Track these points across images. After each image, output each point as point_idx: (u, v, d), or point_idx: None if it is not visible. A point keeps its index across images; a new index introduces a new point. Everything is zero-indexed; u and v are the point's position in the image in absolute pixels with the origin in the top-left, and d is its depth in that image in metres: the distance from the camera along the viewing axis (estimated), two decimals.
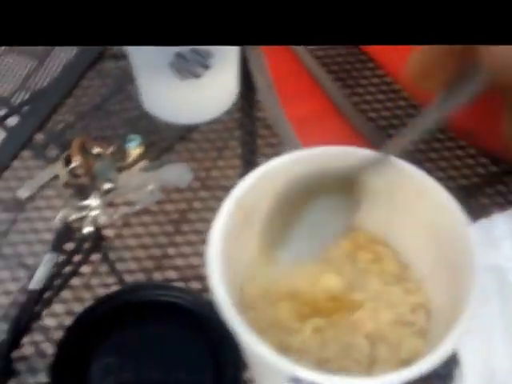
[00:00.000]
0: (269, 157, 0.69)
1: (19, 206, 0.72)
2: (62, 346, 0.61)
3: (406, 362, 0.44)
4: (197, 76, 0.69)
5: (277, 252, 0.50)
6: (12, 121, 0.86)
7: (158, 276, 0.67)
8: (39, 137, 0.79)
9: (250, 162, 0.76)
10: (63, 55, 2.05)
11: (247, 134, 0.79)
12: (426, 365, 0.41)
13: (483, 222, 0.59)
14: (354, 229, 0.54)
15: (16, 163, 0.76)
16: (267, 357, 0.40)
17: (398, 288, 0.51)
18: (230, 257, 0.45)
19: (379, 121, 0.78)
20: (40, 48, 1.93)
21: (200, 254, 0.67)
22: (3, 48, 2.13)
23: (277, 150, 0.76)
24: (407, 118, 0.78)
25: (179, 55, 0.66)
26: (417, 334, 0.48)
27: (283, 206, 0.49)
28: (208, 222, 0.70)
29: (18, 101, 0.90)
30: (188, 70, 0.68)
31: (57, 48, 1.61)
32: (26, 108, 0.87)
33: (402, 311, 0.49)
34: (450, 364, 0.48)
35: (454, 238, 0.47)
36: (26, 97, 0.95)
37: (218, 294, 0.43)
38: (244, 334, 0.41)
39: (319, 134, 0.71)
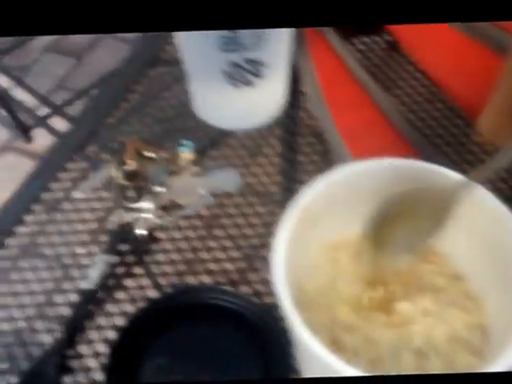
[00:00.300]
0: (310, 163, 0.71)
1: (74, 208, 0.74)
2: (116, 346, 0.62)
3: None
4: (249, 84, 0.71)
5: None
6: (55, 121, 0.87)
7: (207, 279, 0.68)
8: (92, 139, 0.80)
9: (290, 161, 0.78)
10: (101, 52, 2.08)
11: (290, 139, 0.80)
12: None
13: None
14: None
15: (70, 165, 0.78)
16: (327, 359, 0.41)
17: (453, 305, 0.51)
18: (291, 260, 0.46)
19: (416, 122, 0.79)
20: (78, 47, 1.95)
21: (248, 259, 0.69)
22: (41, 47, 2.17)
23: (319, 157, 0.77)
24: (444, 120, 0.79)
25: (234, 64, 0.67)
26: (471, 351, 0.49)
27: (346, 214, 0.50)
28: (254, 226, 0.72)
29: (57, 99, 0.91)
30: (241, 78, 0.69)
31: (95, 47, 1.63)
32: (72, 108, 0.89)
33: (457, 328, 0.50)
34: None
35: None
36: (66, 96, 0.96)
37: (283, 299, 0.44)
38: (306, 336, 0.42)
39: (367, 143, 0.72)
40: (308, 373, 0.53)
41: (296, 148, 0.79)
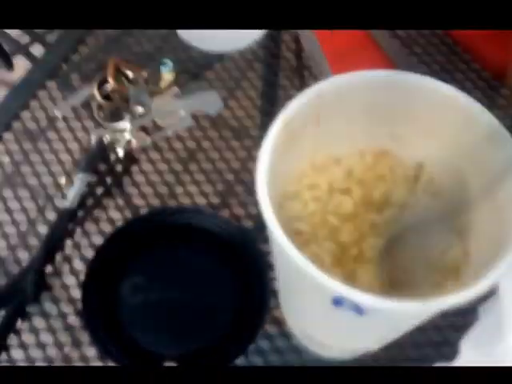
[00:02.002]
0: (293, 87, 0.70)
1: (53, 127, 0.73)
2: (94, 264, 0.63)
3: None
4: None
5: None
6: (36, 49, 0.85)
7: (185, 201, 0.68)
8: (72, 59, 0.79)
9: (272, 85, 0.77)
10: None
11: (273, 63, 0.79)
12: (467, 294, 0.40)
13: None
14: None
15: (49, 84, 0.76)
16: (315, 275, 0.40)
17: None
18: (275, 174, 0.45)
19: (403, 46, 0.78)
20: None
21: (228, 182, 0.69)
22: None
23: (303, 82, 0.76)
24: (431, 47, 0.79)
25: None
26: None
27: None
28: (235, 150, 0.71)
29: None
30: None
31: None
32: (53, 36, 0.86)
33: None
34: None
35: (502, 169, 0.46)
36: None
37: (267, 215, 0.42)
38: (292, 252, 0.41)
39: (354, 67, 0.71)
40: (283, 282, 0.53)
41: (279, 72, 0.78)
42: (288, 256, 0.40)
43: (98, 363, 0.60)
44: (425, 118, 0.48)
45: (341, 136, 0.50)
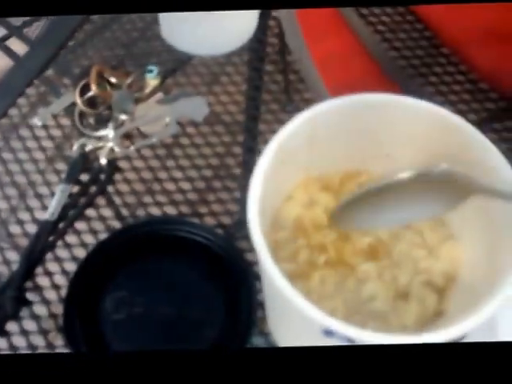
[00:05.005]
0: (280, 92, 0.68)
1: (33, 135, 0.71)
2: (76, 278, 0.61)
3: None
4: None
5: None
6: (12, 42, 0.83)
7: (171, 210, 0.66)
8: (54, 65, 0.77)
9: (258, 89, 0.75)
10: None
11: (259, 66, 0.77)
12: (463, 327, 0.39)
13: None
14: None
15: (29, 90, 0.74)
16: (305, 310, 0.39)
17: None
18: (266, 196, 0.44)
19: (398, 59, 0.77)
20: None
21: (214, 190, 0.67)
22: None
23: (290, 86, 0.75)
24: (428, 58, 0.77)
25: None
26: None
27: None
28: (220, 156, 0.69)
29: (15, 20, 0.86)
30: None
31: None
32: (31, 30, 0.85)
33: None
34: None
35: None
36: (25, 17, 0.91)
37: (259, 246, 0.41)
38: (283, 286, 0.40)
39: (343, 72, 0.70)
40: (272, 307, 0.52)
41: (265, 76, 0.76)
42: (276, 287, 0.39)
43: None
44: (420, 140, 0.48)
45: (334, 159, 0.49)
